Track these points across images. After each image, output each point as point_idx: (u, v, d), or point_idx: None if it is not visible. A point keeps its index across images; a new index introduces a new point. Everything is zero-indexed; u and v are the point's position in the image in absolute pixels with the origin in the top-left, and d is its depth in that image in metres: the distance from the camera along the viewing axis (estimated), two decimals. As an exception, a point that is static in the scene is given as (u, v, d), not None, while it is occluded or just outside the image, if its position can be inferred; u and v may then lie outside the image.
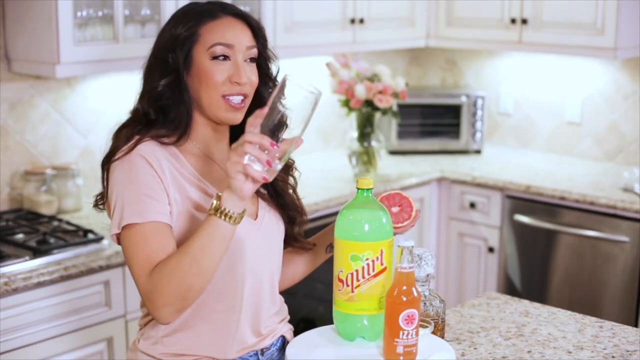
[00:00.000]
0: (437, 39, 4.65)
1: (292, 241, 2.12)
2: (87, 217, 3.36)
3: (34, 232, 3.08)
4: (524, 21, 4.28)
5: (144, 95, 1.96)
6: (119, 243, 1.89)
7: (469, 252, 4.38)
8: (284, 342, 2.09)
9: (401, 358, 1.71)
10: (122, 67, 3.33)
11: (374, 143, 4.20)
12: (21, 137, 3.39)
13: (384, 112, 4.15)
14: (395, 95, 4.12)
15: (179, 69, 1.92)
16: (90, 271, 2.91)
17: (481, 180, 4.25)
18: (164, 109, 1.93)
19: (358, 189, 1.82)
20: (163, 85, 1.92)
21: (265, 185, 2.01)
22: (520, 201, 4.15)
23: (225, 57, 1.92)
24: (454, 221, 4.41)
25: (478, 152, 4.71)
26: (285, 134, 1.74)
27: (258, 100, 1.97)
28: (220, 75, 1.91)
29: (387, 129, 4.60)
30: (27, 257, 2.84)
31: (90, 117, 3.61)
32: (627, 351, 2.17)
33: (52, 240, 2.99)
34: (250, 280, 1.97)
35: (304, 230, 2.14)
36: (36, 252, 2.87)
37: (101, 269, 2.93)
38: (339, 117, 4.56)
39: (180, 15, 1.97)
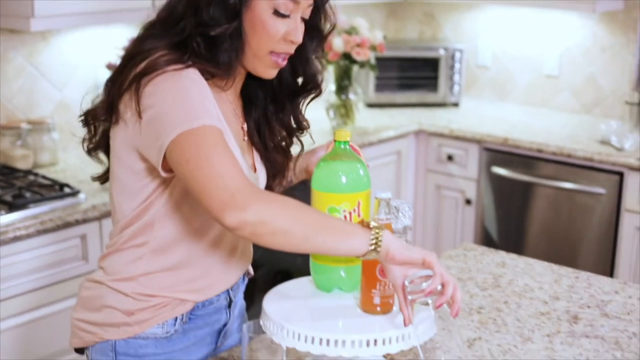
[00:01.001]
0: (415, -9, 4.63)
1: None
2: (62, 171, 3.34)
3: (9, 187, 3.05)
4: (502, -27, 4.26)
5: (193, 28, 1.76)
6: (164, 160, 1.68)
7: (446, 204, 4.39)
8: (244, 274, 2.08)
9: (378, 309, 1.72)
10: (97, 21, 3.28)
11: (351, 96, 4.19)
12: (-5, 91, 3.36)
13: (362, 65, 4.14)
14: (373, 48, 4.10)
15: (240, 14, 1.77)
16: (67, 225, 2.90)
17: (459, 133, 4.25)
18: (215, 51, 1.78)
19: (335, 141, 1.82)
20: (223, 31, 1.75)
21: (259, 139, 2.00)
22: (498, 154, 4.16)
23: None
24: (432, 173, 4.41)
25: (456, 104, 4.71)
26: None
27: (300, 54, 1.90)
28: (279, 31, 1.79)
29: (364, 82, 4.58)
30: (2, 212, 2.82)
31: (66, 71, 3.57)
32: (602, 301, 2.19)
33: (28, 194, 2.97)
34: None
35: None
36: (12, 207, 2.85)
37: (77, 222, 2.92)
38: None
39: None
